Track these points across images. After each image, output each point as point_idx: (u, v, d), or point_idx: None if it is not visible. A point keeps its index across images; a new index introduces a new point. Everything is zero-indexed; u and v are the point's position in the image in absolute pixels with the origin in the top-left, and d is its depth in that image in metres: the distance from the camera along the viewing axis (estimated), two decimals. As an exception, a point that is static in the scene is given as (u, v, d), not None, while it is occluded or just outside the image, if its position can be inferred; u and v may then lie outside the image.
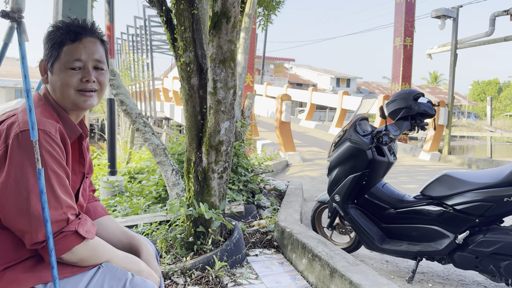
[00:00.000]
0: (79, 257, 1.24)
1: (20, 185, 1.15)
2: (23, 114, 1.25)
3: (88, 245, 1.25)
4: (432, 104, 3.17)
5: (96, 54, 1.39)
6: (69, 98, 1.36)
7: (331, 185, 3.25)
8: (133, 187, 5.37)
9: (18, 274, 1.19)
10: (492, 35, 11.26)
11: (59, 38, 1.35)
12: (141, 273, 1.37)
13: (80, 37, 1.36)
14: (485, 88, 54.42)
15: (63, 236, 1.19)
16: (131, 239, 1.56)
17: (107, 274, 1.28)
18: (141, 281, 1.32)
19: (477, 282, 2.96)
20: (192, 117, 3.03)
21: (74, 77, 1.35)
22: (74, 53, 1.35)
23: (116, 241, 1.54)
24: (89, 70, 1.37)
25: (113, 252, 1.35)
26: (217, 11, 2.72)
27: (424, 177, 7.22)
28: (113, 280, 1.28)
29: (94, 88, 1.39)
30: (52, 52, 1.35)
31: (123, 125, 17.80)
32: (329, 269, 2.50)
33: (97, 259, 1.28)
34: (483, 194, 2.64)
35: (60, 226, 1.19)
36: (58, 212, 1.18)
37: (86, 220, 1.28)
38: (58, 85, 1.35)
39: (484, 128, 19.50)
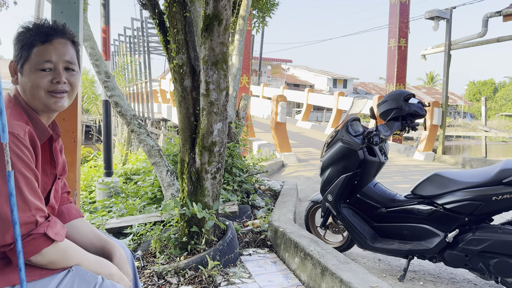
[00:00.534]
0: (48, 260, 1.23)
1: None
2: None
3: (57, 248, 1.24)
4: (423, 104, 3.21)
5: (66, 55, 1.38)
6: (40, 100, 1.35)
7: (323, 185, 3.29)
8: (129, 188, 5.40)
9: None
10: (485, 36, 11.35)
11: (29, 39, 1.34)
12: (112, 277, 1.36)
13: (50, 38, 1.35)
14: (480, 88, 54.66)
15: (31, 238, 1.18)
16: (104, 243, 1.55)
17: (76, 277, 1.28)
18: (111, 285, 1.31)
19: (468, 280, 3.00)
20: (186, 118, 3.06)
21: (44, 79, 1.34)
22: (44, 54, 1.34)
23: (89, 244, 1.53)
24: (60, 71, 1.36)
25: (84, 255, 1.35)
26: (209, 14, 2.76)
27: (418, 176, 7.26)
28: (83, 284, 1.27)
29: (65, 89, 1.38)
30: (22, 53, 1.34)
31: (120, 126, 17.80)
32: (320, 267, 2.53)
33: (66, 262, 1.28)
34: (472, 193, 2.68)
35: (29, 229, 1.18)
36: (26, 214, 1.18)
37: (56, 223, 1.27)
38: (28, 87, 1.34)
39: (479, 128, 19.59)
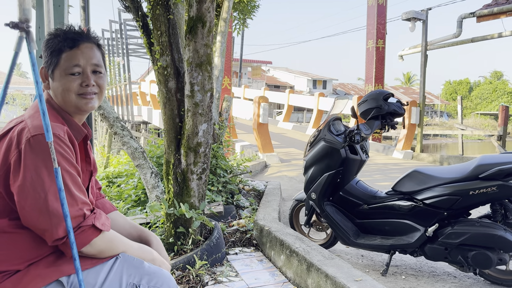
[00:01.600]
0: (97, 249, 1.31)
1: (37, 186, 1.21)
2: (31, 119, 1.30)
3: (105, 237, 1.32)
4: (401, 103, 3.31)
5: (94, 59, 1.45)
6: (71, 102, 1.42)
7: (307, 183, 3.35)
8: (112, 191, 5.35)
9: (42, 270, 1.26)
10: (460, 36, 11.67)
11: (57, 45, 1.40)
12: (154, 262, 1.45)
13: (78, 43, 1.42)
14: (456, 87, 55.87)
15: (81, 230, 1.26)
16: (141, 232, 1.66)
17: (125, 263, 1.36)
18: (157, 269, 1.41)
19: (448, 273, 3.10)
20: (170, 120, 3.08)
21: (74, 82, 1.41)
22: (73, 59, 1.40)
23: (127, 234, 1.61)
24: (88, 74, 1.43)
25: (128, 243, 1.43)
26: (193, 16, 2.79)
27: (397, 174, 7.40)
28: (131, 269, 1.35)
29: (94, 91, 1.45)
30: (52, 59, 1.41)
31: (100, 129, 17.57)
32: (306, 263, 2.59)
33: (114, 250, 1.36)
34: (450, 188, 2.78)
35: (78, 222, 1.25)
36: (74, 208, 1.25)
37: (101, 214, 1.35)
38: (59, 91, 1.41)
39: (455, 126, 20.07)
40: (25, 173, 1.21)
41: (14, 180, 1.23)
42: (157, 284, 1.36)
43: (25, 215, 1.22)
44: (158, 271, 1.40)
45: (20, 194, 1.22)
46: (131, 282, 1.33)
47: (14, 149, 1.25)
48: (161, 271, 1.41)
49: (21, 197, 1.22)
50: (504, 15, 10.38)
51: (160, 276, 1.39)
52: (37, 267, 1.27)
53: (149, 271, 1.37)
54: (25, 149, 1.23)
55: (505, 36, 11.02)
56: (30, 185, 1.21)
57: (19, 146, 1.25)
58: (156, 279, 1.37)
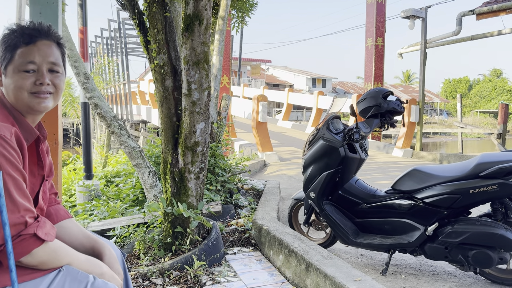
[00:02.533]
0: (38, 260, 1.23)
1: None
2: None
3: (47, 248, 1.24)
4: (401, 101, 3.29)
5: (51, 57, 1.38)
6: (23, 101, 1.35)
7: (306, 182, 3.33)
8: (110, 190, 5.33)
9: None
10: (460, 34, 11.64)
11: (13, 40, 1.34)
12: (103, 276, 1.36)
13: (35, 39, 1.35)
14: (456, 85, 55.84)
15: (21, 239, 1.18)
16: (94, 243, 1.55)
17: (67, 277, 1.27)
18: (102, 284, 1.31)
19: (448, 272, 3.08)
20: (168, 118, 3.05)
21: (28, 80, 1.34)
22: (28, 55, 1.34)
23: (78, 244, 1.52)
24: (43, 72, 1.36)
25: (74, 254, 1.35)
26: (190, 14, 2.76)
27: (397, 173, 7.40)
28: (74, 283, 1.26)
29: (49, 90, 1.38)
30: (6, 55, 1.34)
31: (98, 129, 17.55)
32: (305, 263, 2.56)
33: (57, 262, 1.28)
34: (450, 187, 2.75)
35: (18, 229, 1.18)
36: (15, 215, 1.17)
37: (45, 223, 1.27)
38: (11, 88, 1.34)
39: (455, 124, 20.05)
40: None
41: None
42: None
43: None
44: (103, 286, 1.30)
45: None
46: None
47: None
48: (106, 285, 1.32)
49: None
50: (503, 13, 10.35)
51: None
52: None
53: (93, 286, 1.28)
54: None
55: (505, 33, 10.99)
56: None
57: None
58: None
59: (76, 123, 18.49)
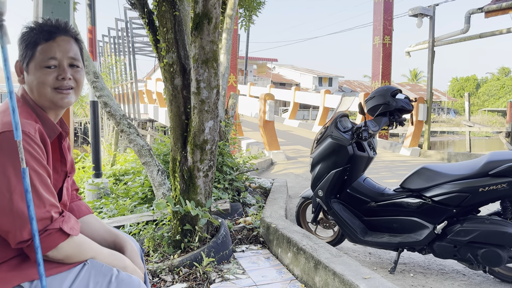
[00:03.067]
0: (64, 254, 1.25)
1: (2, 186, 1.16)
2: (1, 116, 1.25)
3: (73, 242, 1.27)
4: (410, 100, 3.28)
5: (70, 52, 1.40)
6: (46, 97, 1.37)
7: (314, 180, 3.33)
8: (119, 188, 5.37)
9: (4, 273, 1.21)
10: (468, 32, 11.55)
11: (33, 38, 1.36)
12: (126, 269, 1.39)
13: (54, 36, 1.37)
14: (463, 84, 55.46)
15: (47, 234, 1.20)
16: (115, 237, 1.58)
17: (92, 270, 1.30)
18: (126, 276, 1.34)
19: (456, 270, 3.07)
20: (177, 117, 3.07)
21: (50, 75, 1.36)
22: (49, 51, 1.36)
23: (101, 239, 1.55)
24: (64, 67, 1.38)
25: (98, 249, 1.37)
26: (199, 12, 2.77)
27: (405, 171, 7.37)
28: (99, 276, 1.29)
29: (71, 85, 1.40)
30: (27, 52, 1.36)
31: (106, 127, 17.65)
32: (313, 261, 2.57)
33: (82, 255, 1.30)
34: (460, 185, 2.74)
35: (44, 224, 1.20)
36: (41, 210, 1.20)
37: (70, 218, 1.30)
38: (34, 84, 1.36)
39: (463, 123, 19.91)
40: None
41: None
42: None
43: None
44: (127, 279, 1.33)
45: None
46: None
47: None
48: (130, 278, 1.34)
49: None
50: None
51: (129, 284, 1.32)
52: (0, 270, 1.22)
53: (117, 279, 1.31)
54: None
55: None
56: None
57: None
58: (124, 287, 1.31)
59: (84, 122, 18.61)
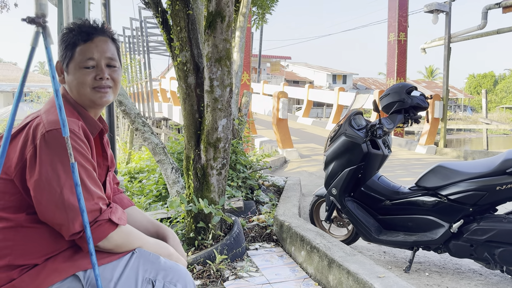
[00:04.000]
0: (114, 244, 1.31)
1: (52, 181, 1.22)
2: (46, 114, 1.31)
3: (121, 232, 1.32)
4: (425, 97, 3.24)
5: (108, 52, 1.44)
6: (86, 96, 1.42)
7: (328, 179, 3.32)
8: (134, 186, 5.43)
9: (59, 264, 1.27)
10: (485, 28, 11.34)
11: (72, 39, 1.41)
12: (170, 257, 1.45)
13: (92, 36, 1.42)
14: (480, 81, 54.57)
15: (98, 225, 1.26)
16: (158, 228, 1.65)
17: (141, 258, 1.35)
18: (174, 264, 1.40)
19: (473, 270, 3.02)
20: (190, 115, 3.08)
21: (89, 76, 1.41)
22: (87, 52, 1.40)
23: (144, 229, 1.61)
24: (102, 68, 1.42)
25: (144, 238, 1.43)
26: (212, 11, 2.78)
27: (420, 170, 7.29)
28: (147, 264, 1.35)
29: (109, 84, 1.45)
30: (67, 53, 1.41)
31: (121, 126, 17.84)
32: (327, 259, 2.56)
33: (130, 245, 1.36)
34: (476, 184, 2.70)
35: (94, 216, 1.26)
36: (90, 203, 1.25)
37: (117, 209, 1.35)
38: (74, 84, 1.41)
39: (480, 120, 19.58)
40: (41, 168, 1.22)
41: (30, 176, 1.24)
42: (173, 280, 1.35)
43: (42, 210, 1.23)
44: (175, 266, 1.39)
45: (36, 189, 1.22)
46: (147, 277, 1.32)
47: (30, 144, 1.25)
48: (177, 266, 1.40)
49: (37, 192, 1.22)
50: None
51: (176, 271, 1.38)
52: (55, 261, 1.28)
53: (165, 266, 1.36)
54: (40, 144, 1.23)
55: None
56: (46, 180, 1.22)
57: (34, 141, 1.25)
58: (172, 275, 1.36)
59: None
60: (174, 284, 1.34)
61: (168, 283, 1.33)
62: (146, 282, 1.31)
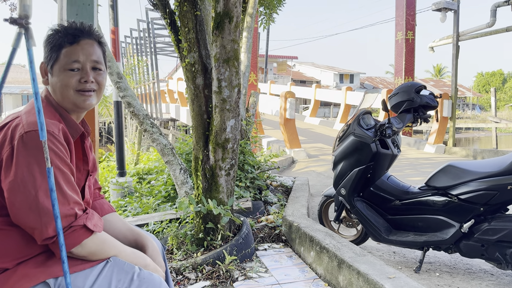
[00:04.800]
0: (88, 251, 1.27)
1: (28, 183, 1.19)
2: (26, 115, 1.29)
3: (96, 239, 1.29)
4: (434, 96, 3.21)
5: (93, 55, 1.42)
6: (69, 99, 1.40)
7: (336, 179, 3.30)
8: (143, 187, 5.45)
9: (30, 269, 1.23)
10: (494, 26, 11.24)
11: (57, 40, 1.39)
12: (147, 268, 1.40)
13: (78, 39, 1.40)
14: (489, 79, 54.09)
15: (72, 230, 1.23)
16: (137, 236, 1.60)
17: (115, 267, 1.31)
18: (148, 274, 1.35)
19: (484, 270, 3.00)
20: (198, 116, 3.09)
21: (73, 78, 1.39)
22: (72, 54, 1.38)
23: (122, 237, 1.56)
24: (87, 71, 1.41)
25: (120, 246, 1.39)
26: (220, 12, 2.78)
27: (429, 169, 7.24)
28: (121, 274, 1.30)
29: (93, 88, 1.43)
30: (52, 55, 1.39)
31: (130, 127, 17.94)
32: (337, 260, 2.55)
33: (105, 253, 1.32)
34: (487, 183, 2.67)
35: (69, 221, 1.23)
36: (66, 207, 1.22)
37: (93, 215, 1.32)
38: (58, 86, 1.39)
39: (489, 119, 19.40)
40: (17, 170, 1.20)
41: (6, 176, 1.21)
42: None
43: (15, 212, 1.20)
44: (148, 277, 1.34)
45: (10, 191, 1.20)
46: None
47: (7, 144, 1.23)
48: (151, 276, 1.35)
49: (11, 194, 1.20)
50: (541, 2, 9.92)
51: (150, 282, 1.33)
52: (26, 266, 1.24)
53: (139, 277, 1.32)
54: (17, 145, 1.21)
55: (543, 24, 10.53)
56: (21, 181, 1.19)
57: (12, 142, 1.23)
58: (146, 285, 1.31)
59: (108, 122, 18.97)
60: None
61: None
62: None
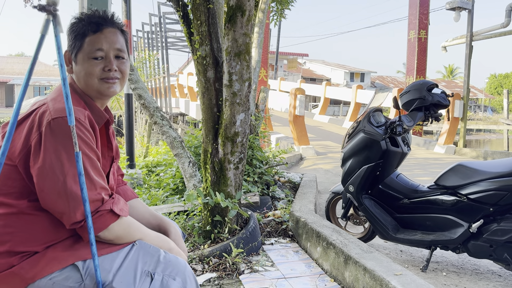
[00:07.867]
0: (114, 235, 1.30)
1: (56, 169, 1.22)
2: (53, 102, 1.31)
3: (122, 223, 1.32)
4: (446, 95, 3.19)
5: (117, 44, 1.44)
6: (93, 87, 1.42)
7: (345, 175, 3.29)
8: (151, 179, 5.49)
9: (59, 253, 1.27)
10: (508, 26, 11.09)
11: (81, 29, 1.41)
12: (171, 251, 1.44)
13: (101, 27, 1.42)
14: (502, 81, 53.40)
15: (99, 215, 1.26)
16: (160, 221, 1.64)
17: (141, 250, 1.35)
18: (173, 257, 1.38)
19: (492, 271, 2.98)
20: (208, 109, 3.10)
21: (97, 66, 1.41)
22: (96, 43, 1.40)
23: (146, 222, 1.60)
24: (111, 59, 1.43)
25: (145, 231, 1.42)
26: (232, 5, 2.79)
27: (438, 169, 7.18)
28: (147, 256, 1.34)
29: (116, 76, 1.45)
30: (75, 43, 1.41)
31: (139, 120, 18.05)
32: (344, 256, 2.55)
33: (131, 236, 1.35)
34: (497, 183, 2.65)
35: (96, 206, 1.25)
36: (93, 192, 1.25)
37: (119, 200, 1.35)
38: (82, 75, 1.41)
39: (500, 121, 19.18)
40: (45, 156, 1.22)
41: (34, 162, 1.23)
42: (172, 273, 1.33)
43: (44, 197, 1.23)
44: (174, 260, 1.37)
45: (39, 176, 1.22)
46: (146, 270, 1.30)
47: (35, 131, 1.25)
48: (177, 259, 1.38)
49: (40, 179, 1.22)
50: (558, 3, 9.76)
51: (176, 265, 1.36)
52: (55, 250, 1.28)
53: (165, 260, 1.35)
54: (45, 131, 1.23)
55: (559, 25, 10.38)
56: (49, 167, 1.22)
57: (40, 128, 1.25)
58: (171, 268, 1.34)
59: (118, 115, 19.11)
60: (173, 277, 1.32)
61: (167, 276, 1.31)
62: (145, 274, 1.29)
